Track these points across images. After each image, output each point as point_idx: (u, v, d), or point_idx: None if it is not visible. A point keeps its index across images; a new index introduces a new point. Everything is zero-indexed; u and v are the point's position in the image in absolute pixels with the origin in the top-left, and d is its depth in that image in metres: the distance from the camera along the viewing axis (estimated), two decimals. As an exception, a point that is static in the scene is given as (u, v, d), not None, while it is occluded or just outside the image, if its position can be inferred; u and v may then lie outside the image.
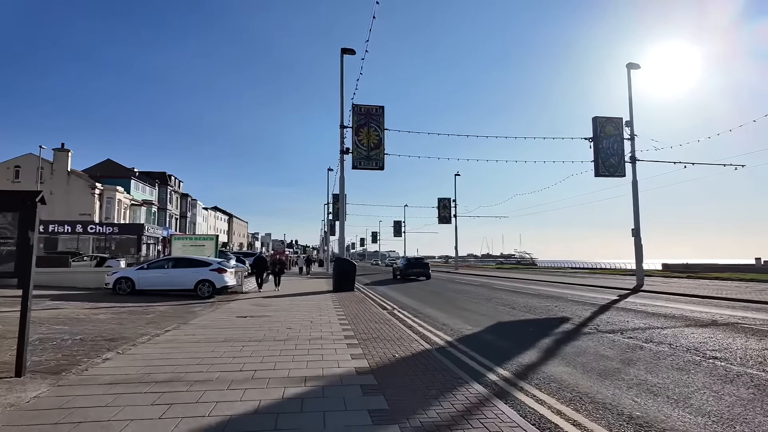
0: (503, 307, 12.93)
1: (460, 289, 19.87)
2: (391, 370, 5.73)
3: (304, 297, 15.99)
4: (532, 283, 24.46)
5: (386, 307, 13.30)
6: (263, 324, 9.59)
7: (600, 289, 20.06)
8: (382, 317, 10.80)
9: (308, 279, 28.84)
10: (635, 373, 5.75)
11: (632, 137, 23.52)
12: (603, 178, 23.54)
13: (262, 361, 6.17)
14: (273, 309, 12.39)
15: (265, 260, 19.15)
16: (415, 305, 13.94)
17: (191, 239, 19.89)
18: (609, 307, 12.99)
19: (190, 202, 72.76)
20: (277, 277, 19.07)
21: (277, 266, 19.09)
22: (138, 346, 7.17)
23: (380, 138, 21.45)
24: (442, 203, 52.06)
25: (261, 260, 18.99)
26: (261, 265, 18.65)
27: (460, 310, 12.41)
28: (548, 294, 17.42)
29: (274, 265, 19.09)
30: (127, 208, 50.46)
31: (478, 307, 13.18)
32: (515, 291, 18.87)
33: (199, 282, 16.00)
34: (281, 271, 19.24)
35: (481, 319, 10.81)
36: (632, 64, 23.73)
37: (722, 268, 47.03)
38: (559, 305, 13.47)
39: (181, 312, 11.78)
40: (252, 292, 17.27)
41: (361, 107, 21.38)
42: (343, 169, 21.06)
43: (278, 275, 19.09)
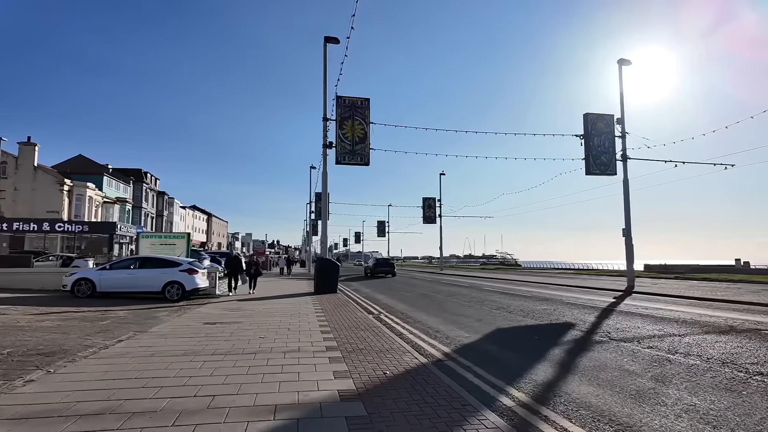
0: (499, 311, 11.99)
1: (449, 291, 18.92)
2: (382, 394, 4.67)
3: (282, 300, 14.81)
4: (521, 285, 23.69)
5: (372, 312, 12.24)
6: (233, 332, 8.42)
7: (592, 291, 19.36)
8: (369, 323, 9.73)
9: (289, 280, 27.59)
10: (676, 394, 4.80)
11: (623, 135, 22.95)
12: (594, 176, 22.90)
13: (225, 382, 5.04)
14: (246, 314, 11.21)
15: (240, 260, 17.36)
16: (404, 309, 12.91)
17: (160, 237, 18.42)
18: (611, 311, 12.17)
19: (167, 200, 70.45)
20: (253, 279, 17.47)
21: (253, 267, 17.47)
22: (76, 363, 5.96)
23: (365, 132, 20.37)
24: (427, 203, 51.25)
25: (234, 260, 17.27)
26: (234, 266, 17.01)
27: (453, 315, 11.42)
28: (541, 296, 16.59)
29: (249, 267, 17.43)
30: (99, 205, 48.29)
31: (471, 311, 12.21)
32: (506, 293, 18.00)
33: (167, 284, 14.68)
34: (257, 272, 17.66)
35: (478, 325, 9.83)
36: (623, 60, 23.16)
37: (703, 269, 47.27)
38: (557, 308, 12.60)
39: (142, 317, 10.51)
40: (225, 296, 16.01)
41: (346, 99, 20.28)
42: (326, 164, 19.92)
43: (254, 277, 17.51)
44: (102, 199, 48.84)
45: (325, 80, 19.89)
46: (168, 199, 71.29)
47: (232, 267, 16.98)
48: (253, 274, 17.37)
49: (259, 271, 17.81)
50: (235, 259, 17.42)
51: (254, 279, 17.50)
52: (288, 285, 22.29)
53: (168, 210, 71.09)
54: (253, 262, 18.09)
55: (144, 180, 61.25)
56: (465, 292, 18.08)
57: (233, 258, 17.56)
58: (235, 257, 17.70)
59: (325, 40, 19.96)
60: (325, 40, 19.95)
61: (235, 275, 16.82)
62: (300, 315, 11.08)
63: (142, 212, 59.35)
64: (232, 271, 16.87)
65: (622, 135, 22.94)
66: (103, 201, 49.23)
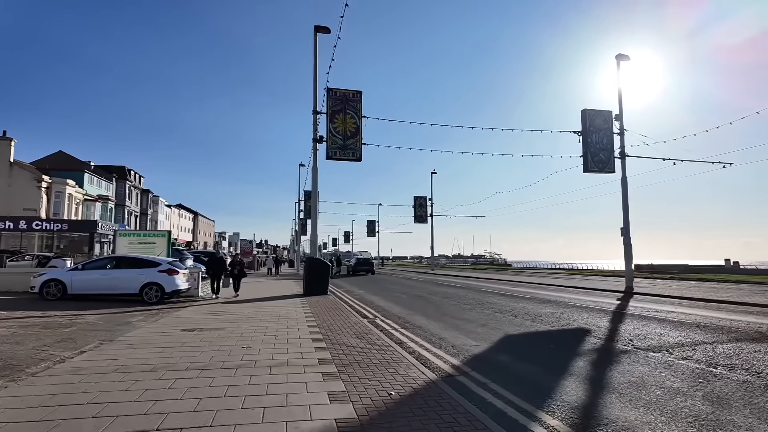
0: (502, 315, 11.18)
1: (446, 293, 18.10)
2: (389, 422, 3.81)
3: (269, 302, 13.85)
4: (517, 285, 22.98)
5: (367, 315, 11.36)
6: (214, 341, 7.49)
7: (592, 292, 18.69)
8: (365, 329, 8.85)
9: (277, 280, 26.58)
10: (745, 422, 4.00)
11: (622, 131, 22.36)
12: (592, 173, 22.28)
13: (196, 409, 4.13)
14: (230, 319, 10.25)
15: (223, 261, 16.07)
16: (401, 312, 12.05)
17: (139, 235, 17.28)
18: (621, 314, 11.45)
19: (151, 198, 68.74)
20: (237, 280, 16.15)
21: (237, 268, 16.10)
22: (20, 382, 4.99)
23: (357, 126, 19.47)
24: (418, 202, 50.43)
25: (218, 261, 15.86)
26: (217, 267, 15.63)
27: (454, 319, 10.58)
28: (542, 297, 15.86)
29: (233, 267, 16.15)
30: (80, 203, 46.67)
31: (473, 314, 11.38)
32: (505, 294, 17.24)
33: (145, 285, 13.65)
34: (241, 273, 16.24)
35: (484, 331, 9.00)
36: (621, 56, 22.59)
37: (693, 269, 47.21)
38: (564, 312, 11.84)
39: (114, 323, 9.50)
40: (209, 298, 14.98)
41: (337, 91, 19.36)
42: (316, 160, 18.97)
43: (238, 278, 16.16)
44: (83, 197, 47.21)
45: (315, 71, 18.96)
46: (153, 197, 69.57)
47: (215, 268, 15.68)
48: (236, 275, 16.08)
49: (243, 272, 16.39)
50: (218, 260, 15.95)
51: (238, 280, 16.19)
52: (276, 286, 21.31)
53: (153, 208, 69.37)
54: (237, 261, 16.69)
55: (128, 177, 59.54)
56: (462, 294, 17.28)
57: (216, 258, 16.09)
58: (219, 258, 16.15)
59: (315, 30, 19.02)
60: (316, 29, 19.01)
61: (219, 277, 15.58)
62: (288, 320, 10.16)
63: (125, 210, 57.68)
64: (215, 273, 15.58)
65: (620, 132, 22.34)
66: (84, 198, 47.60)
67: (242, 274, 16.41)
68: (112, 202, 54.32)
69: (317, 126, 19.12)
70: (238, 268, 16.23)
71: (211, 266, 15.76)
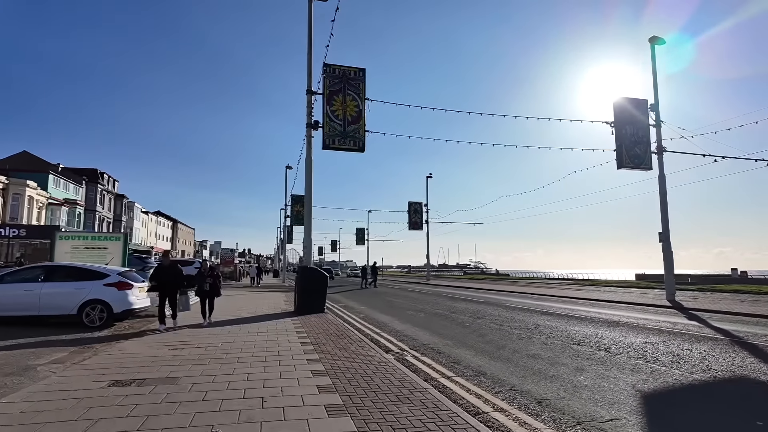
0: (585, 349, 8.00)
1: (469, 310, 14.91)
2: None
3: (253, 327, 10.54)
4: (539, 299, 19.98)
5: (390, 348, 8.14)
6: (157, 410, 4.21)
7: (635, 307, 15.76)
8: (398, 377, 5.67)
9: (260, 292, 23.06)
10: None
11: (658, 123, 19.72)
12: (627, 170, 19.54)
13: None
14: (194, 358, 6.95)
15: (177, 270, 10.50)
16: (433, 342, 8.85)
17: (86, 238, 13.64)
18: (744, 343, 8.45)
19: (126, 204, 64.37)
20: (207, 299, 10.83)
21: (207, 282, 10.72)
22: None
23: (360, 110, 16.37)
24: (413, 207, 47.48)
25: (168, 270, 10.31)
26: (166, 278, 10.21)
27: (522, 357, 7.40)
28: (593, 317, 12.85)
29: (202, 280, 10.68)
30: (43, 207, 42.46)
31: (541, 349, 8.17)
32: (544, 312, 14.15)
33: (85, 304, 10.25)
34: (214, 290, 10.85)
35: (591, 381, 5.84)
36: (656, 38, 20.04)
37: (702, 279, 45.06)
38: (666, 341, 8.79)
39: (3, 371, 6.13)
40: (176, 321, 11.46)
41: (335, 68, 16.25)
42: (310, 149, 15.77)
43: (209, 296, 10.84)
44: (47, 200, 43.01)
45: (309, 42, 15.83)
46: (128, 202, 65.21)
47: (162, 279, 10.22)
48: (208, 292, 10.78)
49: (217, 287, 11.01)
50: (168, 268, 10.38)
51: (210, 299, 10.89)
52: (261, 300, 17.90)
53: (127, 215, 64.99)
54: (207, 272, 10.94)
55: (99, 181, 55.30)
56: (492, 312, 14.10)
57: (168, 268, 10.38)
58: (171, 266, 10.53)
59: (310, -6, 15.95)
60: (310, -7, 15.94)
61: (171, 293, 10.23)
62: (281, 358, 6.89)
63: (95, 216, 53.39)
64: (163, 288, 10.17)
65: (656, 123, 19.70)
66: (48, 202, 43.39)
67: (215, 291, 10.98)
68: (81, 207, 50.09)
69: (312, 109, 15.96)
70: (211, 281, 10.82)
71: (157, 277, 10.28)
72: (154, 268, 11.03)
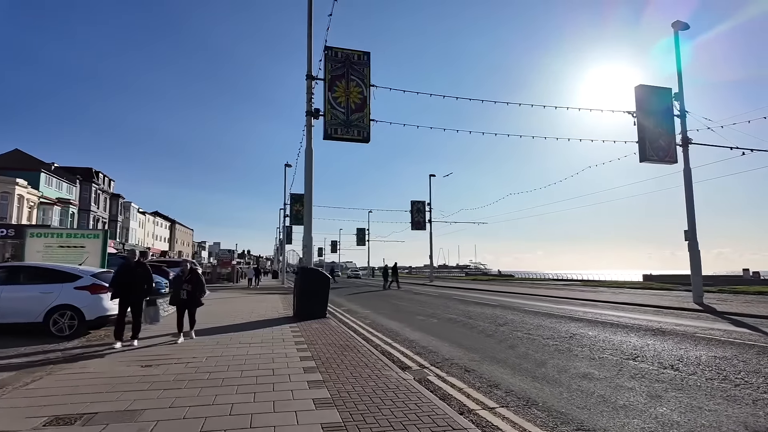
0: (644, 365, 6.69)
1: (487, 315, 13.55)
2: None
3: (245, 335, 9.22)
4: (556, 302, 18.67)
5: (407, 364, 6.80)
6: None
7: (662, 311, 14.45)
8: (426, 407, 4.36)
9: (258, 294, 21.69)
10: None
11: (683, 113, 18.42)
12: (650, 164, 18.23)
13: None
14: (168, 380, 5.63)
15: (144, 271, 8.26)
16: (456, 356, 7.53)
17: (60, 236, 12.25)
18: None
19: (122, 204, 62.99)
20: (189, 309, 8.65)
21: (184, 289, 8.43)
22: None
23: (364, 96, 15.07)
24: (416, 207, 46.10)
25: (134, 271, 8.11)
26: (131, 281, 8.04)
27: (565, 375, 6.08)
28: (625, 323, 11.54)
29: (178, 285, 8.51)
30: (34, 206, 41.13)
31: (584, 363, 6.86)
32: (572, 317, 12.82)
33: (53, 309, 8.93)
34: (194, 297, 8.60)
35: (674, 415, 4.52)
36: (680, 23, 18.74)
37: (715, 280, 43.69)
38: (737, 354, 7.49)
39: (-77, 399, 4.81)
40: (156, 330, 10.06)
41: (337, 51, 14.95)
42: (310, 139, 14.46)
43: (187, 306, 8.61)
44: (38, 199, 41.69)
45: (309, 20, 14.55)
46: (124, 202, 63.84)
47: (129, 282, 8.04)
48: (187, 301, 8.54)
49: (197, 296, 8.64)
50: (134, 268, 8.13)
51: (190, 309, 8.67)
52: (257, 303, 16.57)
53: (123, 215, 63.62)
54: (185, 277, 8.52)
55: (94, 180, 53.95)
56: (511, 317, 12.73)
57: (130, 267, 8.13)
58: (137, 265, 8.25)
59: (310, -29, 14.65)
60: (311, -30, 14.65)
61: (134, 301, 8.07)
62: (276, 382, 5.57)
63: (90, 216, 52.04)
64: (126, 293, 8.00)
65: (681, 113, 18.40)
66: (40, 201, 42.07)
67: (196, 300, 8.66)
68: (75, 207, 48.77)
69: (312, 96, 14.65)
70: (189, 288, 8.44)
71: (120, 279, 8.00)
72: (117, 268, 8.31)
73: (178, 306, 8.62)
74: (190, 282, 8.54)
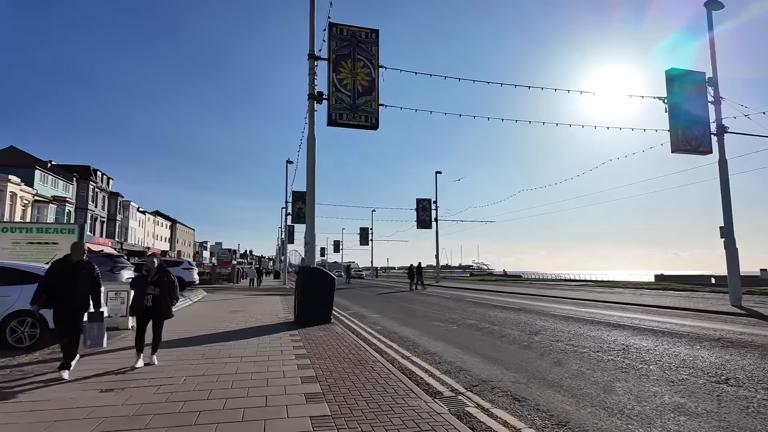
0: (746, 392, 5.32)
1: (509, 321, 12.11)
2: None
3: (237, 347, 7.83)
4: (575, 304, 17.27)
5: (433, 387, 5.40)
6: None
7: (702, 315, 13.01)
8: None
9: (257, 296, 20.29)
10: None
11: (717, 99, 16.96)
12: (682, 155, 16.79)
13: None
14: (125, 417, 4.22)
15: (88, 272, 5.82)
16: (489, 372, 6.14)
17: (30, 230, 10.90)
18: None
19: (121, 202, 61.72)
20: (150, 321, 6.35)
21: (150, 293, 6.17)
22: None
23: (372, 78, 13.68)
24: (422, 205, 44.66)
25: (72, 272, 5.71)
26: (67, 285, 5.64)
27: (649, 407, 4.67)
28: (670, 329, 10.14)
29: (141, 290, 6.20)
30: (28, 204, 39.87)
31: (666, 389, 5.45)
32: (610, 324, 11.31)
33: (11, 316, 7.58)
34: (162, 307, 6.29)
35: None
36: (713, 3, 17.28)
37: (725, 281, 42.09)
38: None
39: None
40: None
41: (342, 28, 13.57)
42: (312, 124, 13.07)
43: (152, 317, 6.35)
44: (32, 197, 40.43)
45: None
46: (123, 201, 62.57)
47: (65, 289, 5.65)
48: (152, 310, 6.26)
49: (165, 304, 6.34)
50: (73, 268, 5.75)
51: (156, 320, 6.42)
52: (255, 306, 15.17)
53: (122, 214, 62.38)
54: (150, 277, 6.28)
55: (92, 178, 52.68)
56: (541, 323, 11.22)
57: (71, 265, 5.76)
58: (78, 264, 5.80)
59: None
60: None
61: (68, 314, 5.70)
62: (269, 418, 4.16)
63: (87, 215, 50.77)
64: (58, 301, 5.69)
65: (715, 99, 16.94)
66: (35, 200, 40.81)
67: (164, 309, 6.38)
68: (72, 205, 47.47)
69: (315, 77, 13.27)
70: (157, 291, 6.25)
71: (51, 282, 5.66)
72: (48, 268, 6.03)
73: (140, 316, 6.32)
74: (158, 284, 6.30)
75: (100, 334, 6.07)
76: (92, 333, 5.97)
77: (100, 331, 6.05)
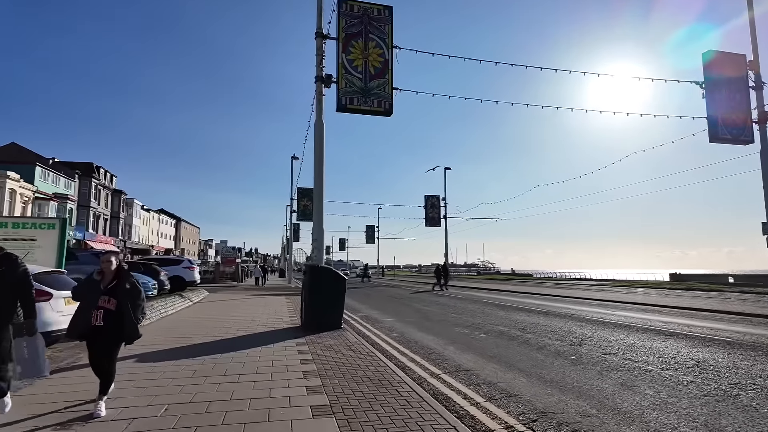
0: None
1: (540, 327, 10.83)
2: None
3: (235, 360, 6.68)
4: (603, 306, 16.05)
5: (479, 421, 4.21)
6: None
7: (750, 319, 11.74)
8: None
9: (262, 296, 19.14)
10: None
11: (758, 84, 15.60)
12: (721, 144, 15.47)
13: None
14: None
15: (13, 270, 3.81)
16: (545, 398, 4.99)
17: (5, 225, 9.71)
18: None
19: (124, 200, 60.91)
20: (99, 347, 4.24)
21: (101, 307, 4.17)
22: None
23: (385, 59, 12.48)
24: (430, 202, 43.46)
25: None
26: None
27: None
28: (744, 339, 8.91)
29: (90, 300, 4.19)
30: (29, 201, 39.06)
31: None
32: (655, 330, 10.06)
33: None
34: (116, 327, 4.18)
35: None
36: (751, -20, 15.91)
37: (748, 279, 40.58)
38: None
39: None
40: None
41: (353, 4, 12.36)
42: (321, 110, 11.90)
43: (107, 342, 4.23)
44: (33, 195, 39.60)
45: (321, -36, 11.95)
46: (126, 199, 61.77)
47: None
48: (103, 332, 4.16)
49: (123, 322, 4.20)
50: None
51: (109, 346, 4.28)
52: (259, 308, 14.02)
53: (126, 212, 61.59)
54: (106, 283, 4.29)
55: (94, 175, 51.87)
56: (580, 331, 9.94)
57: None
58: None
59: None
60: None
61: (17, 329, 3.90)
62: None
63: (89, 212, 49.98)
64: None
65: (757, 84, 15.58)
66: (35, 197, 39.99)
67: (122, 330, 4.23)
68: (73, 203, 46.69)
69: (323, 58, 12.09)
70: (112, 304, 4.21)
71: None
72: None
73: (89, 341, 4.30)
74: (115, 292, 4.29)
75: (35, 360, 4.06)
76: (23, 358, 3.99)
77: (35, 356, 4.05)
